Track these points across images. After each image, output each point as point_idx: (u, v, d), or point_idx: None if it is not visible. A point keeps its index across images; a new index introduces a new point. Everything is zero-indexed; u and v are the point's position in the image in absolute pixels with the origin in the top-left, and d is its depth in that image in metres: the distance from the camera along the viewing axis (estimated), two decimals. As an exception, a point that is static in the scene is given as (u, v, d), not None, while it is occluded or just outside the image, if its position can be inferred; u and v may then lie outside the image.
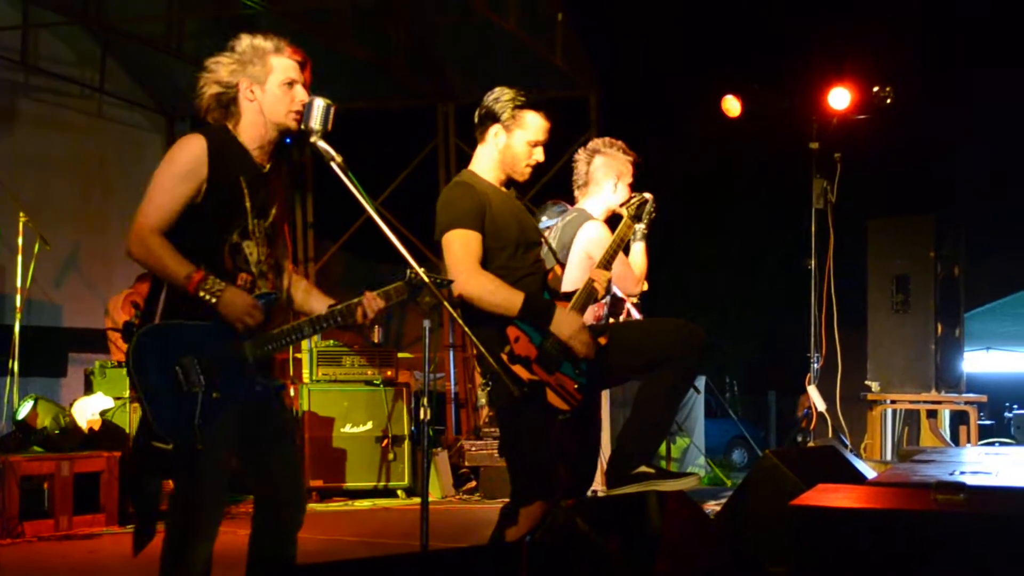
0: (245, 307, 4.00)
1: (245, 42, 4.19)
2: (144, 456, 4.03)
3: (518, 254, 4.88)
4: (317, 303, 4.35)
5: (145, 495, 4.19)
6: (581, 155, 5.99)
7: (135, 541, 4.13)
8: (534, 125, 4.93)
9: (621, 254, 5.50)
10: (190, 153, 4.04)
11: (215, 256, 4.07)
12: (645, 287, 6.04)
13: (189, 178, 4.02)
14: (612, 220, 5.85)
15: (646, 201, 5.64)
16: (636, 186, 5.96)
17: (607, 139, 6.03)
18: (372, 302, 4.22)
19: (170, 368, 3.95)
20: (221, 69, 4.16)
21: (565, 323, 4.74)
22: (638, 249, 5.93)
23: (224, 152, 4.09)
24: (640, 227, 5.75)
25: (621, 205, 5.71)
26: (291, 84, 4.19)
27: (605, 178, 5.93)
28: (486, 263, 4.76)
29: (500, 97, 4.98)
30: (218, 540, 4.16)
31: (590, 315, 5.27)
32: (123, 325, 9.83)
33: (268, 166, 4.23)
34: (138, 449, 4.11)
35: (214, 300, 3.95)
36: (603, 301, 5.66)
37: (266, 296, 4.15)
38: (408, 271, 4.22)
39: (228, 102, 4.17)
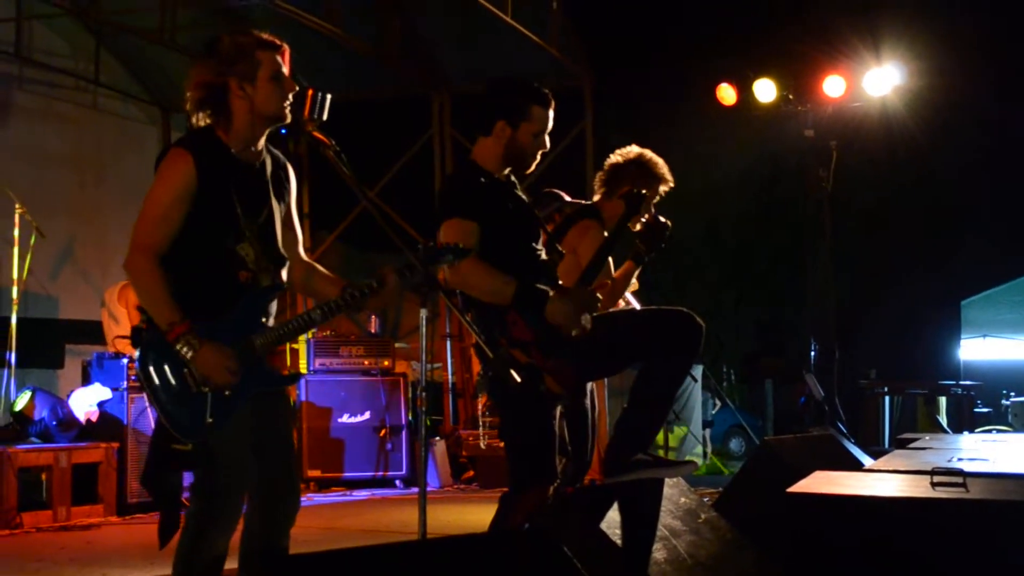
0: (219, 365, 3.98)
1: (227, 42, 4.18)
2: (163, 455, 4.06)
3: (518, 243, 4.87)
4: (329, 287, 4.33)
5: (166, 488, 4.20)
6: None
7: (160, 533, 4.15)
8: (540, 117, 4.92)
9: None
10: (180, 175, 4.05)
11: (210, 261, 4.09)
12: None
13: (181, 199, 4.04)
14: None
15: (643, 194, 5.59)
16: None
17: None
18: (391, 277, 4.18)
19: (179, 370, 3.97)
20: (206, 72, 4.15)
21: (559, 311, 4.74)
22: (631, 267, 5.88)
23: (211, 162, 4.09)
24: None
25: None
26: (280, 76, 4.19)
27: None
28: (487, 253, 4.75)
29: (504, 91, 4.96)
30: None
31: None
32: (131, 330, 9.83)
33: (259, 162, 4.23)
34: (157, 449, 4.14)
35: (190, 355, 3.95)
36: None
37: (268, 290, 4.16)
38: (421, 244, 4.23)
39: (217, 103, 4.15)
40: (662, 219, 5.68)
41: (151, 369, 3.99)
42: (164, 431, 4.00)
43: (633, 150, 6.06)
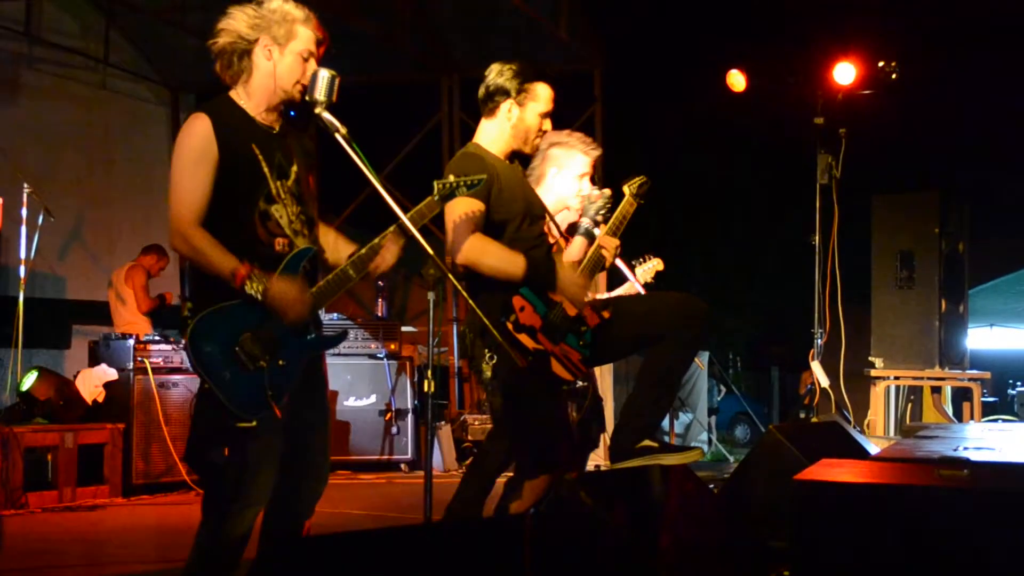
0: (292, 298, 4.01)
1: (276, 2, 4.16)
2: (216, 434, 4.07)
3: (523, 226, 4.87)
4: (344, 250, 4.33)
5: (212, 465, 4.19)
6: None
7: (205, 507, 4.14)
8: (544, 96, 4.95)
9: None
10: (197, 134, 4.02)
11: (247, 228, 4.07)
12: None
13: (203, 161, 4.01)
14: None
15: (647, 181, 5.56)
16: (639, 170, 5.86)
17: (565, 131, 5.87)
18: (393, 239, 4.21)
19: (230, 350, 3.97)
20: (243, 20, 4.12)
21: (570, 281, 4.75)
22: (578, 242, 5.81)
23: (230, 123, 4.07)
24: (586, 221, 5.62)
25: (624, 184, 5.62)
26: (308, 57, 4.18)
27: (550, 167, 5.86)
28: (492, 235, 4.75)
29: (505, 72, 4.97)
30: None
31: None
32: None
33: (278, 127, 4.22)
34: (207, 428, 4.14)
35: (260, 295, 3.96)
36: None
37: (305, 252, 4.15)
38: (436, 184, 4.26)
39: (241, 54, 4.13)
40: (596, 192, 5.58)
41: (203, 354, 3.98)
42: (216, 411, 3.98)
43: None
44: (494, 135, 4.98)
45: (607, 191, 5.51)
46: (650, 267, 6.35)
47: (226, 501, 4.06)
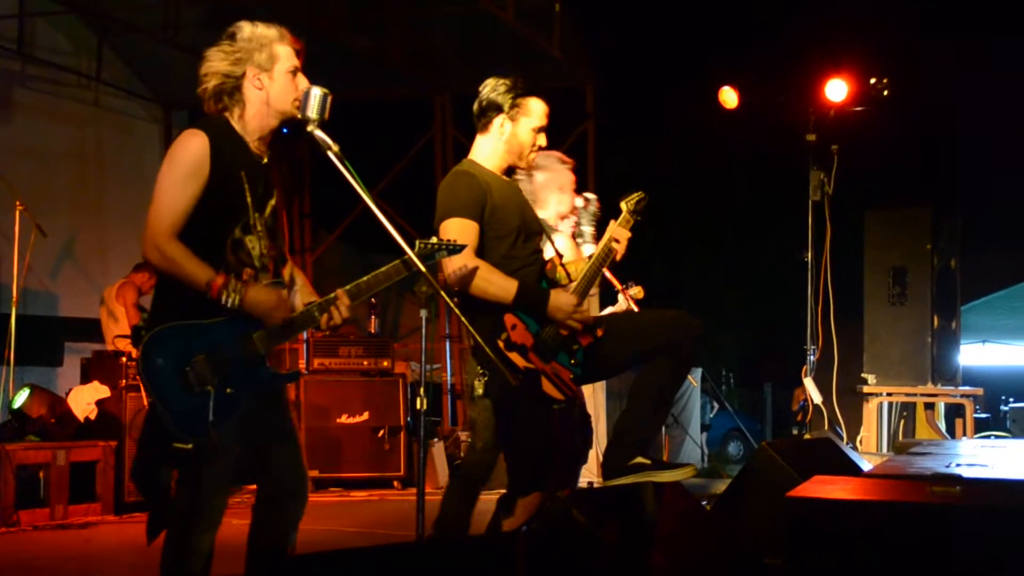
0: (272, 303, 4.01)
1: (247, 30, 4.16)
2: (158, 453, 4.04)
3: (518, 243, 4.88)
4: (298, 299, 4.33)
5: (157, 485, 4.19)
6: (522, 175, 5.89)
7: (148, 529, 4.14)
8: (537, 111, 4.96)
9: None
10: (192, 151, 4.01)
11: (218, 252, 4.05)
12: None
13: (194, 177, 3.99)
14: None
15: (644, 197, 5.58)
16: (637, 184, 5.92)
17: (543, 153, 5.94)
18: (343, 300, 4.17)
19: (181, 369, 3.95)
20: (224, 58, 4.13)
21: (559, 306, 4.75)
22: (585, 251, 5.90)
23: (224, 146, 4.07)
24: (588, 229, 5.74)
25: (622, 200, 5.64)
26: (295, 72, 4.19)
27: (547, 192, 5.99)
28: (486, 253, 4.76)
29: (498, 87, 4.98)
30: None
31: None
32: (131, 330, 9.83)
33: (266, 157, 4.22)
34: (150, 446, 4.12)
35: (237, 301, 3.95)
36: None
37: (272, 286, 4.14)
38: (417, 243, 4.25)
39: (232, 90, 4.14)
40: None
41: (153, 368, 3.96)
42: (160, 429, 3.97)
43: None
44: (488, 151, 4.98)
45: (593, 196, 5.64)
46: (632, 294, 6.38)
47: (181, 525, 4.06)
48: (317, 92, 4.14)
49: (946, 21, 16.67)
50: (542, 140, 5.01)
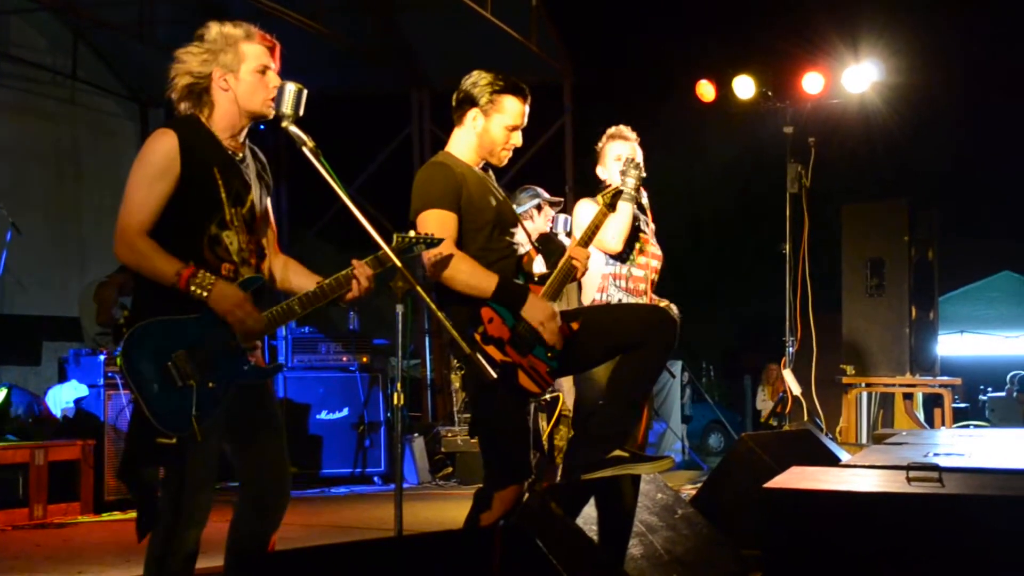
0: (236, 301, 3.99)
1: (214, 31, 4.15)
2: (143, 449, 4.03)
3: (494, 236, 4.85)
4: (305, 281, 4.33)
5: (144, 482, 4.17)
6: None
7: (138, 527, 4.12)
8: (512, 110, 4.91)
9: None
10: (162, 150, 4.01)
11: (195, 249, 4.04)
12: (620, 248, 6.07)
13: (164, 176, 3.99)
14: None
15: (620, 191, 5.60)
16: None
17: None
18: (362, 269, 4.21)
19: (162, 364, 3.94)
20: (192, 60, 4.11)
21: (537, 309, 4.73)
22: (624, 208, 5.94)
23: (196, 144, 4.06)
24: (629, 188, 5.77)
25: (599, 194, 5.66)
26: (264, 71, 4.17)
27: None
28: (463, 245, 4.74)
29: (478, 81, 4.95)
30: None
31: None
32: (112, 327, 9.78)
33: (242, 153, 4.21)
34: (136, 443, 4.11)
35: (205, 294, 3.94)
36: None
37: (251, 281, 4.13)
38: (395, 236, 4.24)
39: (200, 92, 4.13)
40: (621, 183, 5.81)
41: (134, 364, 3.95)
42: (145, 425, 3.96)
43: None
44: (463, 144, 4.96)
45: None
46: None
47: (166, 523, 4.05)
48: (291, 88, 4.13)
49: (925, 11, 16.74)
50: (517, 139, 4.97)
